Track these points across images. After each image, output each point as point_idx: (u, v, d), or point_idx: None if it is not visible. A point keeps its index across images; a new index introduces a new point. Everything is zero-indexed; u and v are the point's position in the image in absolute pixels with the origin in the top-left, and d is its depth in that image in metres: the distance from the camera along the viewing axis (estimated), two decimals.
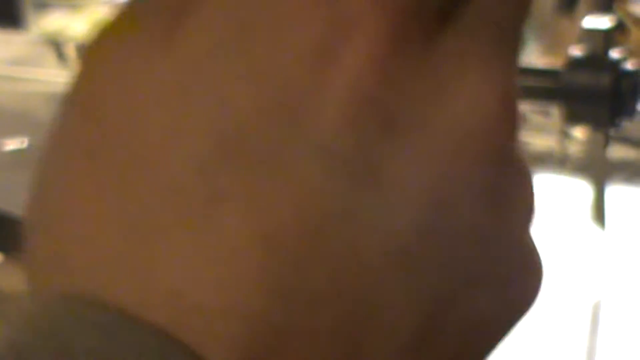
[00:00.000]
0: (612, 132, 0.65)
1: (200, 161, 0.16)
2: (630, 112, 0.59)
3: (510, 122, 0.18)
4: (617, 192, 0.85)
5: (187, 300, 0.16)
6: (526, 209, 0.18)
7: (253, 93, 0.16)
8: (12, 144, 0.70)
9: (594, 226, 0.75)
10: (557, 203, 0.89)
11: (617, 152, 0.93)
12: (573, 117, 0.59)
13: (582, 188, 0.78)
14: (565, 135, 0.99)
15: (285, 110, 0.16)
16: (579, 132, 0.94)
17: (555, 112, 0.83)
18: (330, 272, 0.16)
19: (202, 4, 0.17)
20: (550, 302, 0.71)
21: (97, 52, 0.18)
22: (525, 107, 0.52)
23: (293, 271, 0.16)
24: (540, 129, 0.99)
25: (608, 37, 0.61)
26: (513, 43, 0.18)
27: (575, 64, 0.58)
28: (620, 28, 0.74)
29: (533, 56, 1.09)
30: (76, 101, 0.18)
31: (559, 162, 0.98)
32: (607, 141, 0.69)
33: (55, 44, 0.94)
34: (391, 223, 0.17)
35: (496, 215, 0.18)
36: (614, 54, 0.59)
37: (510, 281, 0.18)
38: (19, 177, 0.26)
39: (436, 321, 0.17)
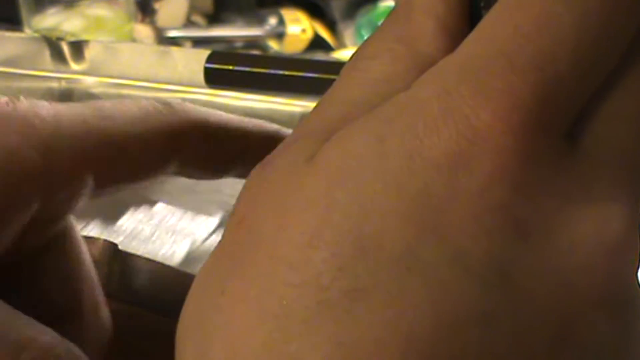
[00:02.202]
0: None
1: (342, 259, 0.17)
2: None
3: (633, 251, 0.19)
4: None
5: None
6: None
7: (393, 197, 0.18)
8: None
9: None
10: None
11: None
12: None
13: None
14: None
15: (423, 213, 0.17)
16: None
17: None
18: None
19: (340, 131, 0.19)
20: None
21: (255, 171, 0.20)
22: None
23: None
24: None
25: None
26: None
27: None
28: None
29: None
30: (233, 212, 0.20)
31: None
32: None
33: (51, 41, 0.94)
34: (521, 332, 0.17)
35: (623, 332, 0.19)
36: None
37: None
38: None
39: None
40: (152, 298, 0.38)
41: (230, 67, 0.87)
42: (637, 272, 0.19)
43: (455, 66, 0.18)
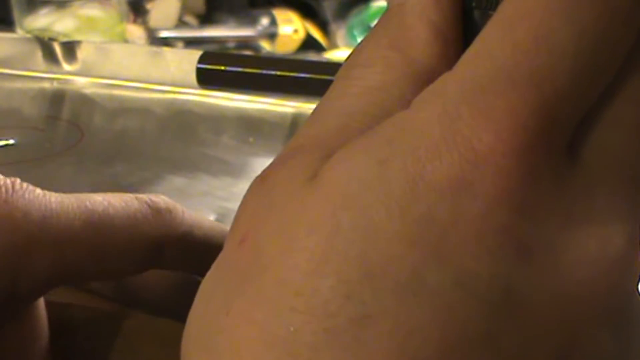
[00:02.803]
0: None
1: (348, 286, 0.17)
2: None
3: (634, 263, 0.19)
4: None
5: None
6: None
7: (397, 222, 0.18)
8: (0, 141, 0.70)
9: None
10: None
11: None
12: None
13: None
14: None
15: (427, 237, 0.17)
16: None
17: None
18: None
19: (340, 150, 0.19)
20: None
21: (254, 186, 0.20)
22: None
23: None
24: None
25: None
26: None
27: None
28: None
29: None
30: (234, 227, 0.19)
31: None
32: None
33: (43, 42, 0.94)
34: (526, 349, 0.18)
35: (625, 344, 0.19)
36: None
37: None
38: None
39: None
40: (147, 298, 0.38)
41: (222, 68, 0.87)
42: (637, 285, 0.19)
43: (455, 85, 0.18)
